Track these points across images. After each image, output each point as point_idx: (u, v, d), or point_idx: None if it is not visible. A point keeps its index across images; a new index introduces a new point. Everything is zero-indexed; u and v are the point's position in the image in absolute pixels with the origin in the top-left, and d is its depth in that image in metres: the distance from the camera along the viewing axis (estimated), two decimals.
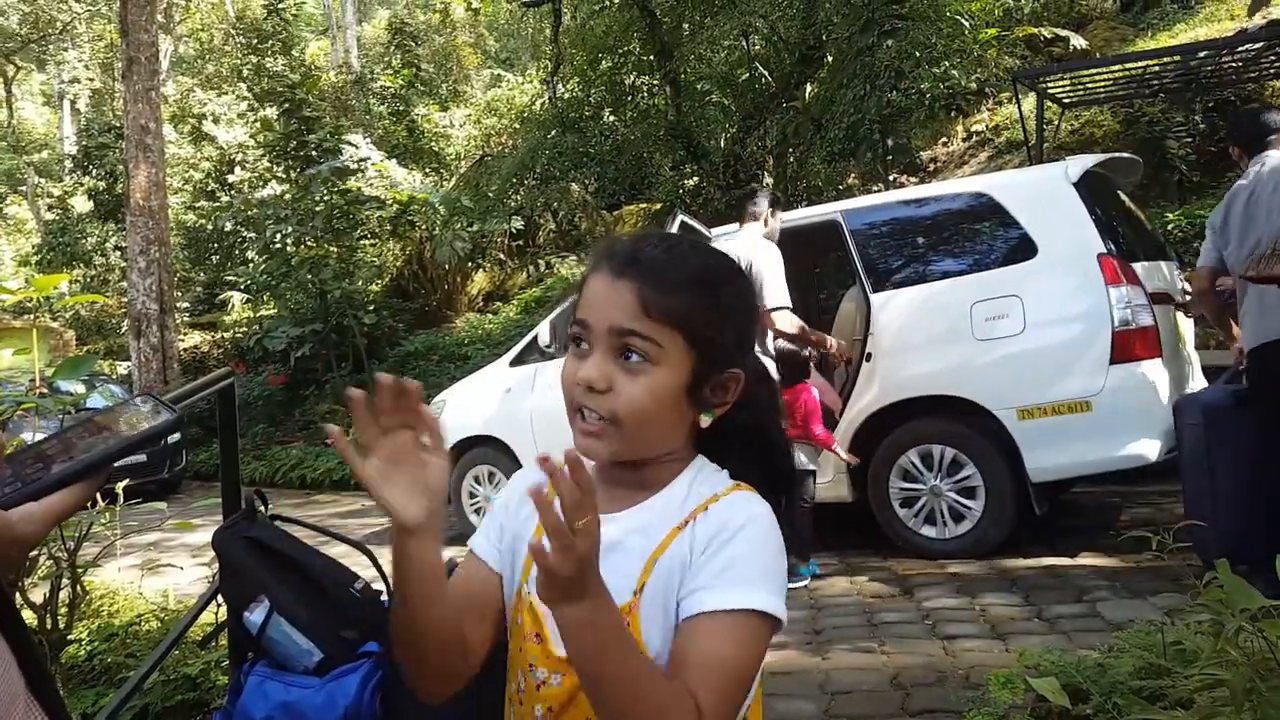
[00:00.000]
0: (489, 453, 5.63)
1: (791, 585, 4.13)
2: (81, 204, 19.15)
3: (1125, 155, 4.94)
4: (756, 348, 0.98)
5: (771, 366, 4.04)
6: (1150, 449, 3.84)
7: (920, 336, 4.26)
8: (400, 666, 0.90)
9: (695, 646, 0.79)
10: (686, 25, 11.04)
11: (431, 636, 0.86)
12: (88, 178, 18.17)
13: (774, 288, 3.99)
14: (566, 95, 12.82)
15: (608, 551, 0.83)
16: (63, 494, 0.67)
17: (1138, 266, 4.13)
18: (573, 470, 0.69)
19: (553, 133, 12.18)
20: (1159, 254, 4.67)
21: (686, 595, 0.82)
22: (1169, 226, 6.98)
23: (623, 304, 0.86)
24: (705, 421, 0.91)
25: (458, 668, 0.91)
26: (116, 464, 0.81)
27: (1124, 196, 4.81)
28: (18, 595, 2.61)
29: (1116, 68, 6.83)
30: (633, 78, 11.96)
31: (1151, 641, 2.48)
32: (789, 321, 4.04)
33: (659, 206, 12.00)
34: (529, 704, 0.88)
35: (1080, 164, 4.22)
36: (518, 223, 13.30)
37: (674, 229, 4.47)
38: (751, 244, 4.08)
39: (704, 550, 0.84)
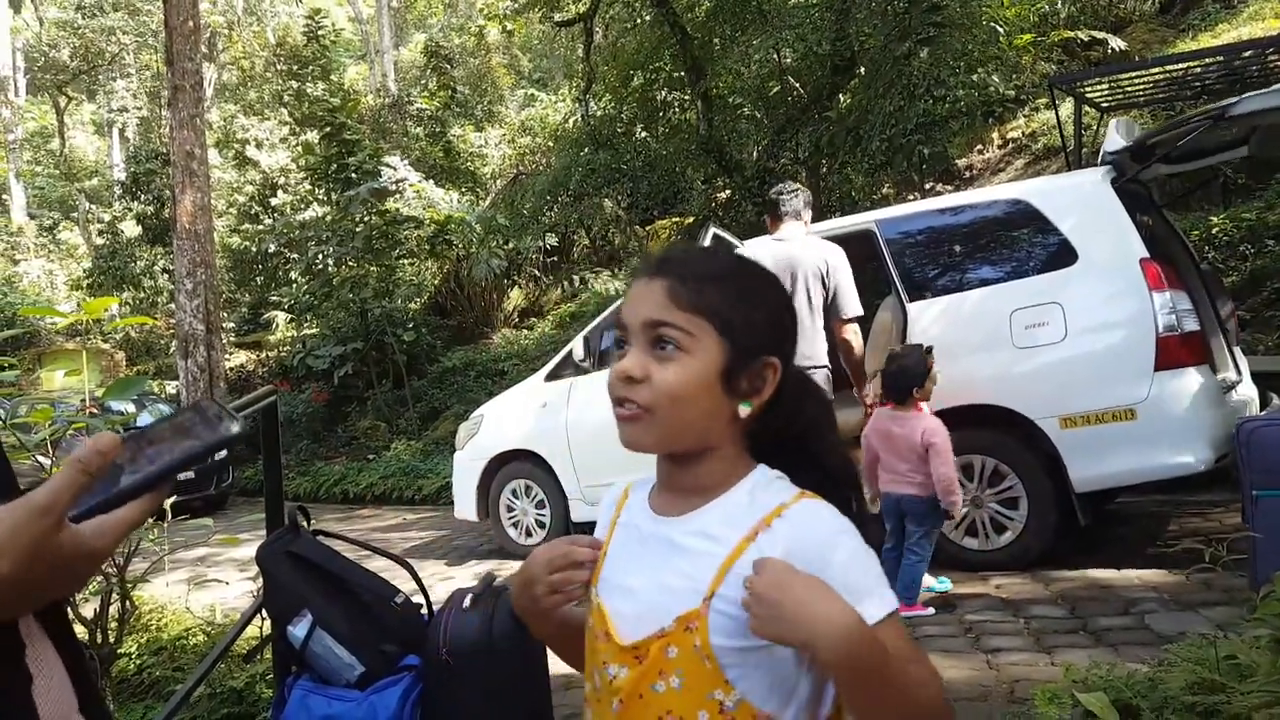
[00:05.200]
0: (526, 467, 5.67)
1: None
2: (130, 229, 19.69)
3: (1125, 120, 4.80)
4: (811, 356, 1.01)
5: (821, 377, 3.94)
6: (1198, 458, 3.74)
7: (959, 345, 4.20)
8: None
9: None
10: (717, 40, 11.08)
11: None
12: (136, 203, 18.71)
13: (852, 295, 3.92)
14: (599, 113, 12.93)
15: (669, 552, 0.92)
16: (131, 506, 0.67)
17: None
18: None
19: (586, 150, 12.29)
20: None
21: None
22: (1214, 230, 6.82)
23: (654, 299, 0.92)
24: (744, 411, 0.92)
25: None
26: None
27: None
28: (69, 610, 2.67)
29: (1157, 70, 6.69)
30: (664, 93, 12.02)
31: (1204, 656, 2.41)
32: (856, 335, 3.92)
33: (691, 220, 12.02)
34: (605, 699, 0.93)
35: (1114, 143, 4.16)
36: (552, 239, 13.41)
37: (707, 241, 4.47)
38: (821, 245, 3.97)
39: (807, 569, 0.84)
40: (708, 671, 0.85)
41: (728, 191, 11.29)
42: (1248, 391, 4.40)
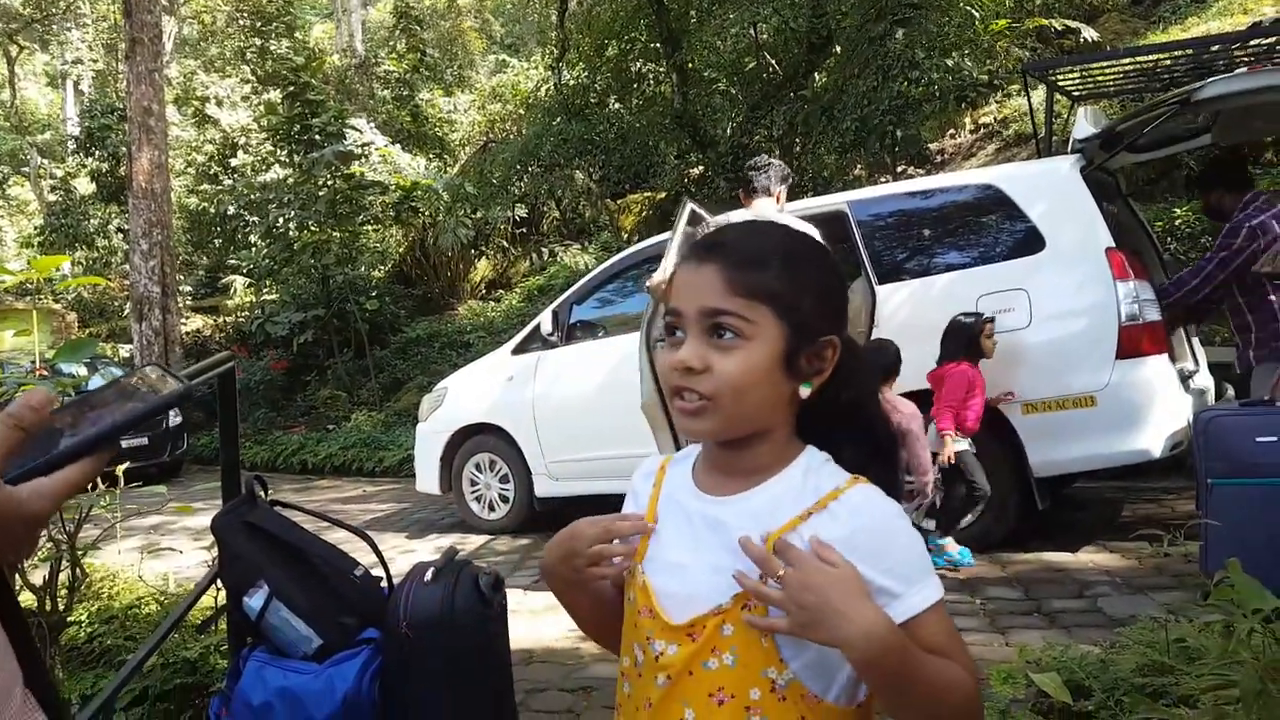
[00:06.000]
0: (490, 440, 5.62)
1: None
2: (84, 185, 19.11)
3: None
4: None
5: None
6: (1154, 445, 3.81)
7: (925, 329, 4.23)
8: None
9: (927, 639, 0.85)
10: (694, 12, 10.96)
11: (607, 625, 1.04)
12: (90, 159, 18.15)
13: None
14: (572, 82, 12.74)
15: (720, 532, 0.91)
16: (72, 468, 0.65)
17: None
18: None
19: (557, 120, 12.13)
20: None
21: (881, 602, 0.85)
22: (1177, 222, 6.94)
23: (709, 286, 0.89)
24: (805, 392, 0.92)
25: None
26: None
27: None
28: (17, 577, 2.61)
29: (1127, 61, 6.75)
30: (639, 65, 11.89)
31: (1154, 639, 2.47)
32: None
33: (664, 195, 11.95)
34: (648, 675, 0.92)
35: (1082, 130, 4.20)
36: (521, 210, 13.25)
37: (684, 217, 4.42)
38: (801, 225, 3.97)
39: (863, 559, 0.85)
40: (764, 649, 0.86)
41: (700, 167, 11.23)
42: (1204, 382, 4.49)
